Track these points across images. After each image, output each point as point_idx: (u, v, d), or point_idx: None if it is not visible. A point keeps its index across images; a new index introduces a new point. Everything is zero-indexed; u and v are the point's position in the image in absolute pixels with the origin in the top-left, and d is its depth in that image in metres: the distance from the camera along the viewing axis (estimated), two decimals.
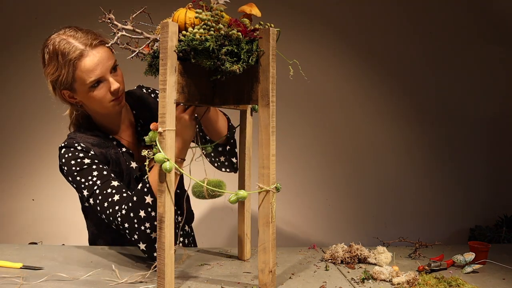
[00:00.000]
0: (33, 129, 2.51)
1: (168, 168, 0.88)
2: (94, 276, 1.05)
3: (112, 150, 1.26)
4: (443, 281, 1.00)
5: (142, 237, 1.06)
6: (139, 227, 1.06)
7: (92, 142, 1.24)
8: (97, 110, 1.25)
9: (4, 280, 0.99)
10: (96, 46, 1.17)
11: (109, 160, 1.24)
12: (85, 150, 1.21)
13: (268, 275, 0.95)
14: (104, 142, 1.26)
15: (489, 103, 2.80)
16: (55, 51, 1.16)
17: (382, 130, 2.74)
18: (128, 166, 1.27)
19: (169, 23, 0.87)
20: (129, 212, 1.07)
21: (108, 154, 1.24)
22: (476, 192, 2.82)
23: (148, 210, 1.05)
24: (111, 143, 1.28)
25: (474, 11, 2.75)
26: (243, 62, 0.88)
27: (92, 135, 1.27)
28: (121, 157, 1.26)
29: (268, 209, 0.94)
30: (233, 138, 1.35)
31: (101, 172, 1.19)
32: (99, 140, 1.26)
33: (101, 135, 1.28)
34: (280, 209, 2.66)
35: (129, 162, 1.28)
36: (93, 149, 1.22)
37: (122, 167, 1.26)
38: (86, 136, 1.26)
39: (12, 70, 2.48)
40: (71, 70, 1.15)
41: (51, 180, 2.50)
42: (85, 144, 1.22)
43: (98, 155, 1.22)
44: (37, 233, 2.48)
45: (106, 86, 1.19)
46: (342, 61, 2.71)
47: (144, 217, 1.05)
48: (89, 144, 1.23)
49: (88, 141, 1.24)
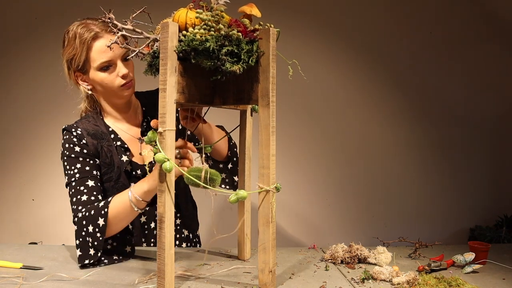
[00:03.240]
0: (33, 129, 2.51)
1: (168, 168, 0.88)
2: (94, 276, 1.05)
3: (106, 142, 1.29)
4: (443, 281, 1.00)
5: (81, 246, 1.15)
6: (84, 237, 1.15)
7: (89, 131, 1.29)
8: (106, 95, 1.32)
9: (4, 280, 0.99)
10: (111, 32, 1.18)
11: (99, 152, 1.28)
12: (79, 137, 1.27)
13: (268, 275, 0.95)
14: (101, 134, 1.30)
15: (489, 103, 2.80)
16: (74, 34, 1.25)
17: (382, 130, 2.74)
18: (119, 159, 1.30)
19: (169, 23, 0.87)
20: (82, 220, 1.16)
21: (99, 145, 1.28)
22: (476, 192, 2.82)
23: (96, 230, 1.14)
24: (107, 136, 1.31)
25: (475, 11, 2.75)
26: (243, 62, 0.88)
27: (94, 124, 1.32)
28: (114, 150, 1.30)
29: (268, 209, 0.94)
30: (235, 157, 1.39)
31: (83, 166, 1.25)
32: (97, 130, 1.30)
33: (101, 126, 1.32)
34: (280, 209, 2.67)
35: (121, 155, 1.30)
36: (86, 138, 1.27)
37: (114, 160, 1.29)
38: (87, 123, 1.32)
39: (12, 70, 2.48)
40: (85, 49, 1.23)
41: (51, 180, 2.50)
42: (81, 131, 1.28)
43: (89, 145, 1.27)
44: (37, 233, 2.48)
45: (116, 71, 1.25)
46: (342, 61, 2.71)
47: (91, 232, 1.14)
48: (85, 132, 1.28)
49: (86, 128, 1.30)
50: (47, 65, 2.45)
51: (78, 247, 1.14)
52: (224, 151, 1.39)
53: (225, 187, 1.42)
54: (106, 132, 1.31)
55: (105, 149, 1.28)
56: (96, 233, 1.13)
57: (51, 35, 2.49)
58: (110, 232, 1.17)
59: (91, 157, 1.27)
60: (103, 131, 1.31)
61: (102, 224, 1.13)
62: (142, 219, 1.37)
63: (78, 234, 1.16)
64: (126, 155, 1.31)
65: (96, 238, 1.13)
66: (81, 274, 1.05)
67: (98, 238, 1.13)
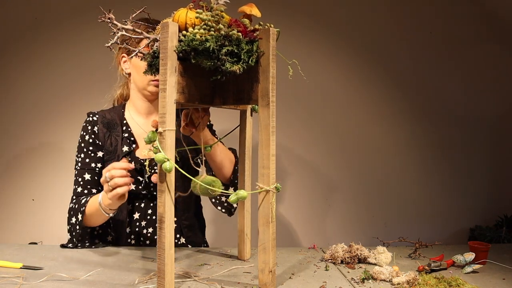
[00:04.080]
0: (33, 129, 2.51)
1: (168, 168, 0.88)
2: (94, 276, 1.05)
3: (115, 132, 1.42)
4: (443, 281, 1.00)
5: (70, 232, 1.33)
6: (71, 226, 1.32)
7: (104, 119, 1.43)
8: (137, 84, 1.43)
9: (4, 280, 0.99)
10: None
11: (106, 140, 1.41)
12: (92, 124, 1.42)
13: (268, 275, 0.95)
14: (113, 124, 1.43)
15: (489, 103, 2.80)
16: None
17: (382, 130, 2.74)
18: (120, 148, 1.40)
19: (169, 23, 0.87)
20: (70, 210, 1.33)
21: (107, 133, 1.41)
22: (476, 192, 2.82)
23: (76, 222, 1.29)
24: (118, 126, 1.43)
25: (475, 11, 2.75)
26: (243, 62, 0.88)
27: (113, 113, 1.46)
28: (120, 140, 1.40)
29: (268, 209, 0.94)
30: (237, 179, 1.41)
31: (85, 158, 1.40)
32: (112, 120, 1.44)
33: (117, 117, 1.45)
34: (280, 209, 2.67)
35: (123, 146, 1.40)
36: (98, 126, 1.42)
37: (117, 149, 1.40)
38: (107, 113, 1.46)
39: (12, 70, 2.47)
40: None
41: (51, 180, 2.50)
42: (97, 118, 1.43)
43: (99, 132, 1.41)
44: (37, 233, 2.48)
45: None
46: (342, 61, 2.71)
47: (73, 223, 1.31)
48: (100, 119, 1.43)
49: (104, 116, 1.44)
50: (47, 65, 2.45)
51: (68, 232, 1.34)
52: (228, 172, 1.41)
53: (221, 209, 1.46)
54: (118, 123, 1.43)
55: (112, 138, 1.40)
56: (76, 225, 1.29)
57: (51, 35, 2.50)
58: (89, 225, 1.33)
59: (95, 148, 1.40)
60: (116, 122, 1.43)
61: (80, 219, 1.28)
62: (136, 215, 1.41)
63: (68, 221, 1.33)
64: (129, 147, 1.40)
65: (76, 230, 1.30)
66: (81, 274, 1.05)
67: (77, 231, 1.29)
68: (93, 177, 1.38)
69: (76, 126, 2.45)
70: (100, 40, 1.24)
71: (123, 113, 1.47)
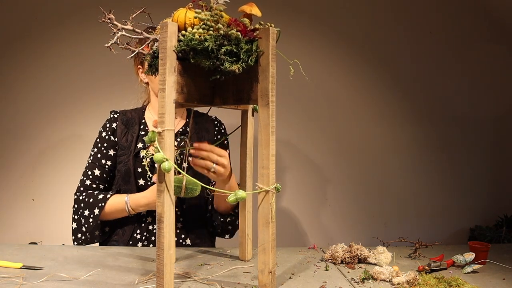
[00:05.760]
0: (33, 129, 2.51)
1: (167, 168, 0.88)
2: (94, 276, 1.04)
3: (132, 130, 1.49)
4: (443, 281, 1.00)
5: (77, 222, 1.40)
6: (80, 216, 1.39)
7: (124, 117, 1.51)
8: (154, 90, 1.52)
9: (4, 280, 0.99)
10: None
11: (122, 136, 1.48)
12: (111, 121, 1.51)
13: (268, 276, 0.95)
14: (132, 122, 1.50)
15: (489, 103, 2.80)
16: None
17: (382, 130, 2.74)
18: (135, 145, 1.46)
19: (168, 23, 0.87)
20: (81, 203, 1.39)
21: (125, 130, 1.48)
22: (476, 192, 2.81)
23: (90, 216, 1.36)
24: (136, 125, 1.50)
25: (475, 10, 2.75)
26: (243, 62, 0.88)
27: (134, 112, 1.54)
28: (135, 138, 1.48)
29: (267, 209, 0.94)
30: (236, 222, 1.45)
31: (97, 153, 1.47)
32: (131, 118, 1.51)
33: (137, 116, 1.53)
34: (280, 209, 2.67)
35: (138, 143, 1.47)
36: (117, 123, 1.49)
37: (131, 145, 1.46)
38: (129, 112, 1.55)
39: (12, 70, 2.47)
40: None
41: (51, 180, 2.50)
42: (117, 116, 1.52)
43: (116, 129, 1.48)
44: (37, 233, 2.48)
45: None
46: (342, 61, 2.71)
47: (86, 216, 1.37)
48: (121, 117, 1.51)
49: (125, 114, 1.53)
50: (47, 64, 2.45)
51: (74, 221, 1.41)
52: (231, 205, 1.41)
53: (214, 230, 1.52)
54: (137, 122, 1.51)
55: (128, 135, 1.48)
56: (89, 218, 1.36)
57: (51, 35, 2.50)
58: (104, 220, 1.40)
59: (108, 145, 1.47)
60: (135, 120, 1.51)
61: (96, 213, 1.35)
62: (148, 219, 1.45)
63: (75, 211, 1.41)
64: (143, 144, 1.46)
65: (88, 223, 1.36)
66: (81, 274, 1.05)
67: (90, 223, 1.36)
68: (102, 173, 1.46)
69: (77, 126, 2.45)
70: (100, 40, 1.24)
71: (143, 113, 1.56)
